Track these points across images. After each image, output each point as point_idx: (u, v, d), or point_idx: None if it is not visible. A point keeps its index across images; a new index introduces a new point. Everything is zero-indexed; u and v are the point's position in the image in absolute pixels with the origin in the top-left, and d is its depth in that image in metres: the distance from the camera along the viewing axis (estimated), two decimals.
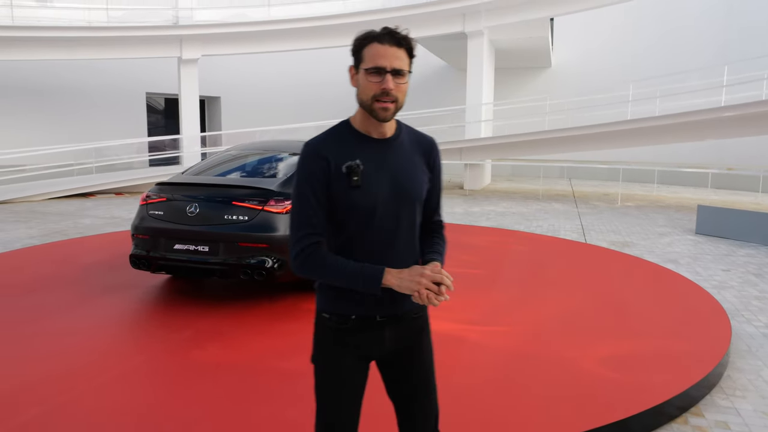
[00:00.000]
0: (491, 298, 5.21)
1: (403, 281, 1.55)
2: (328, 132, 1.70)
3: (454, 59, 19.80)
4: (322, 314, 1.74)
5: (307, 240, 1.61)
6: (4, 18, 12.89)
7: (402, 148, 1.73)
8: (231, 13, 16.06)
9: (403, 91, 1.63)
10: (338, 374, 1.73)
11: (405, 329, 1.77)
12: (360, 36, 1.62)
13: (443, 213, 1.90)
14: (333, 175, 1.62)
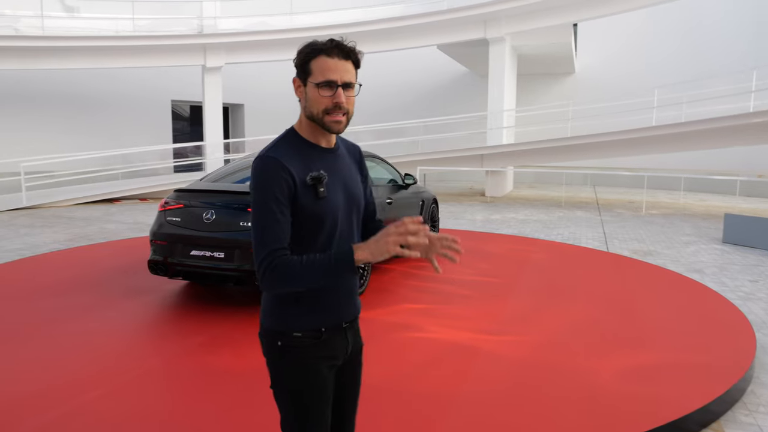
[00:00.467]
0: (507, 307, 5.14)
1: (374, 248, 1.51)
2: (280, 142, 1.66)
3: (476, 65, 19.74)
4: (293, 334, 1.67)
5: (270, 257, 1.54)
6: (35, 28, 13.26)
7: (343, 157, 1.76)
8: (254, 21, 16.26)
9: (352, 103, 1.64)
10: (321, 391, 1.70)
11: (355, 334, 1.83)
12: (306, 48, 1.60)
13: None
14: (298, 188, 1.58)
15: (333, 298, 1.70)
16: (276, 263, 1.52)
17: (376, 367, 3.73)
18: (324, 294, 1.68)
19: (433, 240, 1.60)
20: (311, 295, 1.66)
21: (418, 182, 7.38)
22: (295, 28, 15.78)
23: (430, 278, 6.17)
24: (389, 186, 6.63)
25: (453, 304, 5.20)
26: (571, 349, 4.11)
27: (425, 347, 4.12)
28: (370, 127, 17.56)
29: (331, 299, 1.70)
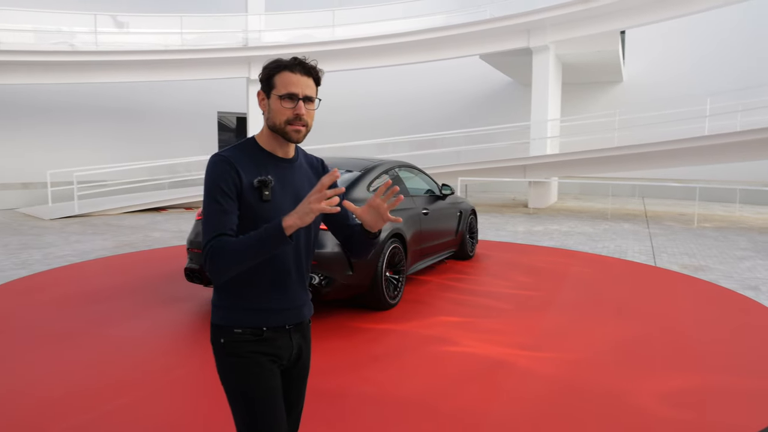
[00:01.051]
0: (545, 322, 4.96)
1: (300, 210, 1.55)
2: (237, 146, 1.77)
3: (519, 75, 19.47)
4: (234, 330, 1.74)
5: (214, 240, 1.61)
6: (89, 44, 13.84)
7: (302, 169, 1.85)
8: (297, 34, 16.53)
9: (312, 116, 1.75)
10: (268, 382, 1.75)
11: (303, 337, 1.88)
12: (271, 65, 1.73)
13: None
14: (244, 188, 1.68)
15: (277, 297, 1.77)
16: (215, 246, 1.60)
17: (409, 381, 3.65)
18: (268, 293, 1.76)
19: (375, 203, 1.73)
20: (255, 293, 1.74)
21: (455, 193, 7.27)
22: (337, 40, 15.95)
23: (468, 291, 6.04)
24: (426, 196, 6.56)
25: (489, 318, 5.07)
26: (611, 368, 3.92)
27: (460, 362, 4.01)
28: (411, 138, 17.54)
29: (276, 298, 1.77)
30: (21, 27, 13.44)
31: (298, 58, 1.74)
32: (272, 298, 1.77)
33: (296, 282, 1.81)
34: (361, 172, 5.65)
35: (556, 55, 16.44)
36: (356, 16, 16.59)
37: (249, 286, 1.75)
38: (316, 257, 4.62)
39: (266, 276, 1.75)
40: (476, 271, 7.10)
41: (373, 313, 5.12)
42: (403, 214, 5.69)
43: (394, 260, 5.39)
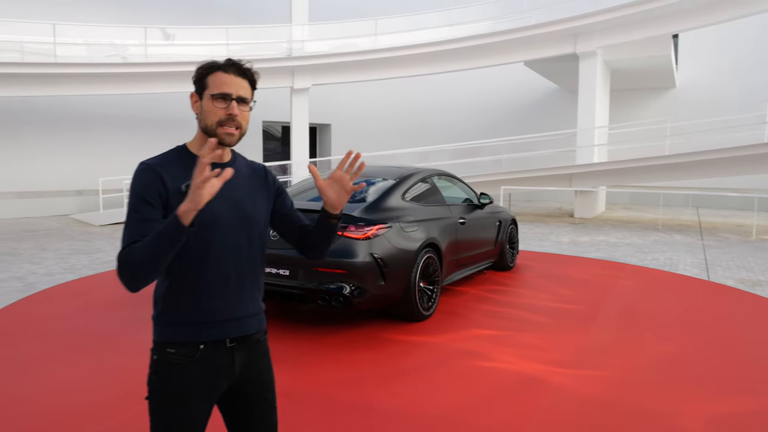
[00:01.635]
0: (586, 338, 4.73)
1: (190, 196, 1.45)
2: (165, 153, 1.72)
3: (566, 81, 19.02)
4: (167, 350, 1.65)
5: (125, 248, 1.54)
6: (139, 56, 14.32)
7: (239, 174, 1.75)
8: (340, 43, 16.63)
9: (246, 119, 1.70)
10: (187, 413, 1.65)
11: (251, 353, 1.76)
12: (204, 65, 1.69)
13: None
14: (170, 195, 1.62)
15: (214, 306, 1.67)
16: (125, 252, 1.53)
17: (438, 397, 3.52)
18: (203, 302, 1.65)
19: (337, 175, 1.69)
20: (190, 302, 1.65)
21: (494, 202, 7.08)
22: (380, 48, 15.97)
23: (505, 303, 5.84)
24: (463, 206, 6.40)
25: (526, 332, 4.87)
26: (654, 389, 3.67)
27: (492, 378, 3.85)
28: (453, 146, 17.36)
29: (212, 308, 1.66)
30: (75, 41, 14.02)
31: (233, 59, 1.69)
32: (208, 308, 1.67)
33: (237, 290, 1.70)
34: (396, 180, 5.56)
35: (604, 61, 15.97)
36: (399, 25, 16.58)
37: (183, 295, 1.66)
38: (347, 266, 4.54)
39: (200, 284, 1.66)
40: (515, 282, 6.88)
41: (405, 325, 5.01)
42: (439, 223, 5.56)
43: (428, 270, 5.26)
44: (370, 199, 5.15)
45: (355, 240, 4.62)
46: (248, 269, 1.74)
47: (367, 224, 4.72)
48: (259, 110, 19.79)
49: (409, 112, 22.37)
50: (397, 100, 22.15)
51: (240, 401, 1.77)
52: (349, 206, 5.00)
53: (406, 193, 5.47)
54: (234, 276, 1.70)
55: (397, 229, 4.91)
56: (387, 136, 21.31)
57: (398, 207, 5.21)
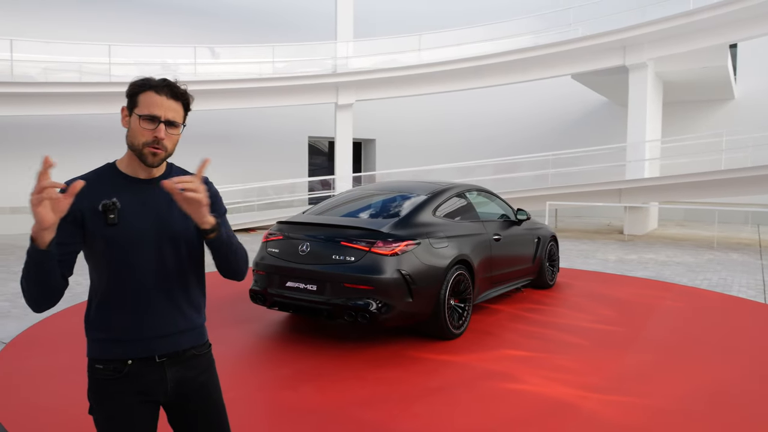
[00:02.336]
0: (623, 362, 4.50)
1: (33, 212, 1.41)
2: (92, 171, 1.71)
3: (615, 94, 18.51)
4: (96, 366, 1.68)
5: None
6: (189, 75, 14.83)
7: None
8: (383, 59, 16.75)
9: (173, 141, 1.68)
10: (125, 425, 1.66)
11: (187, 369, 1.74)
12: (137, 82, 1.65)
13: None
14: (85, 214, 1.62)
15: (139, 324, 1.67)
16: (21, 275, 1.56)
17: (459, 419, 3.41)
18: (128, 319, 1.66)
19: (190, 198, 1.55)
20: (115, 320, 1.66)
21: (531, 218, 6.90)
22: (423, 63, 15.98)
23: (541, 323, 5.65)
24: (499, 222, 6.26)
25: (560, 354, 4.68)
26: (696, 419, 3.44)
27: (518, 401, 3.70)
28: (496, 161, 17.12)
29: (137, 326, 1.67)
30: (129, 60, 14.65)
31: (169, 80, 1.66)
32: (135, 326, 1.66)
33: (166, 307, 1.69)
34: (428, 196, 5.49)
35: (656, 73, 15.47)
36: (442, 40, 16.57)
37: (109, 312, 1.66)
38: (374, 283, 4.49)
39: (125, 301, 1.66)
40: (554, 301, 6.65)
41: (434, 343, 4.90)
42: (471, 240, 5.44)
43: (459, 288, 5.15)
44: (400, 215, 5.10)
45: (383, 256, 4.57)
46: (178, 286, 1.72)
47: (396, 240, 4.66)
48: (306, 125, 20.24)
49: (453, 126, 22.27)
50: (441, 115, 22.09)
51: (185, 418, 1.76)
52: (379, 222, 4.97)
53: (437, 209, 5.39)
54: (160, 293, 1.68)
55: (426, 246, 4.83)
56: (430, 151, 21.25)
57: (429, 223, 5.13)
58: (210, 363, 1.83)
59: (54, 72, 13.37)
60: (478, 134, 22.06)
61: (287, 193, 17.68)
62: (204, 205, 1.57)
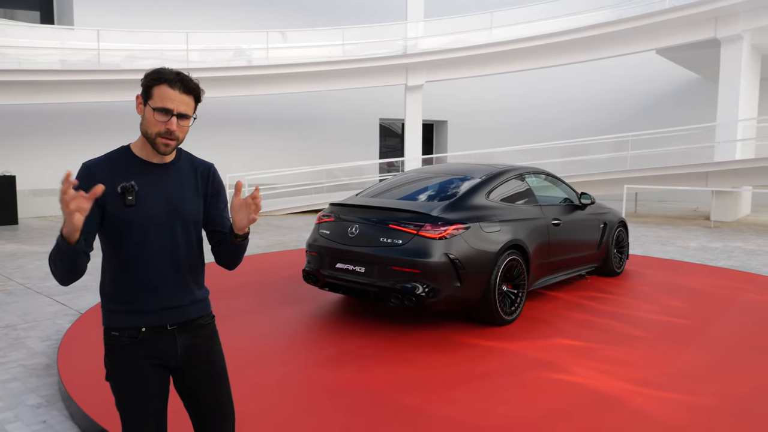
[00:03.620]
0: (684, 358, 4.23)
1: (64, 219, 1.56)
2: (107, 154, 1.83)
3: (705, 69, 17.21)
4: (111, 333, 1.81)
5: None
6: (261, 59, 15.21)
7: (180, 173, 1.87)
8: (454, 38, 16.41)
9: (184, 132, 1.80)
10: (139, 387, 1.80)
11: (195, 336, 1.89)
12: (152, 75, 1.76)
13: None
14: (107, 195, 1.72)
15: (153, 297, 1.81)
16: (50, 253, 1.68)
17: (499, 408, 3.34)
18: (143, 294, 1.80)
19: (248, 201, 1.76)
20: (131, 294, 1.79)
21: (596, 202, 6.59)
22: (494, 42, 15.54)
23: (600, 312, 5.41)
24: (560, 206, 6.03)
25: (617, 345, 4.46)
26: (755, 424, 3.18)
27: (563, 393, 3.57)
28: (566, 143, 16.45)
29: (151, 299, 1.81)
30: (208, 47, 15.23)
31: (182, 74, 1.77)
32: (148, 299, 1.80)
33: (176, 281, 1.84)
34: (482, 179, 5.36)
35: (752, 45, 14.22)
36: (515, 17, 16.01)
37: (124, 287, 1.80)
38: (421, 266, 4.46)
39: (140, 277, 1.80)
40: (619, 290, 6.35)
41: (483, 329, 4.82)
42: (527, 224, 5.27)
43: (512, 273, 5.01)
44: (451, 198, 5.02)
45: (430, 239, 4.52)
46: (187, 263, 1.87)
47: (444, 224, 4.60)
48: (376, 107, 20.36)
49: (526, 106, 21.56)
50: (513, 95, 21.45)
51: (190, 383, 1.90)
52: (429, 205, 4.92)
53: (491, 193, 5.25)
54: (171, 271, 1.84)
55: (476, 230, 4.73)
56: (502, 132, 20.74)
57: (481, 206, 5.02)
58: (214, 332, 1.98)
59: (137, 60, 14.13)
60: (552, 114, 21.25)
61: (357, 176, 17.85)
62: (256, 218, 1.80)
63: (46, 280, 6.91)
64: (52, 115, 14.13)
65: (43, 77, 12.67)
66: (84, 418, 3.20)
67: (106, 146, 9.08)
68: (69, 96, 13.15)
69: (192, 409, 1.94)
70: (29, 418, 3.35)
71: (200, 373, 1.90)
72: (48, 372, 4.03)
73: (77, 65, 13.56)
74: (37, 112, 13.91)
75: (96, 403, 3.30)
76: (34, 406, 3.49)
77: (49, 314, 5.47)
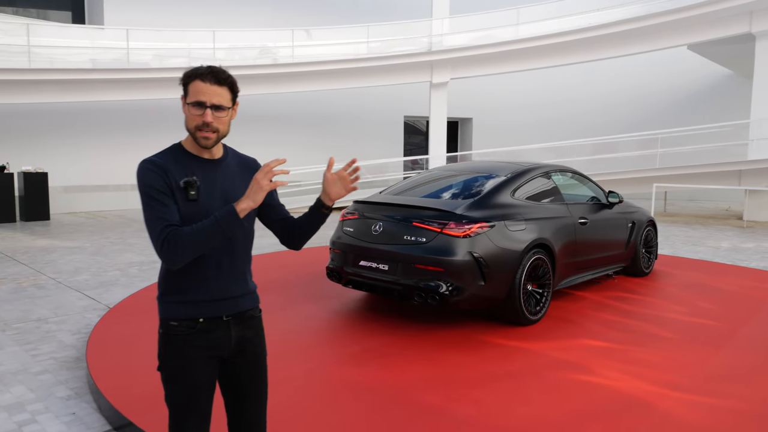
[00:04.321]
0: (714, 360, 4.13)
1: (250, 193, 1.74)
2: (164, 151, 1.89)
3: (738, 65, 16.77)
4: (170, 323, 1.87)
5: (164, 231, 1.74)
6: (287, 57, 15.30)
7: (229, 168, 1.94)
8: (479, 35, 16.27)
9: (224, 123, 1.85)
10: (192, 377, 1.86)
11: (247, 327, 1.97)
12: (187, 73, 1.83)
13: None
14: (174, 189, 1.80)
15: (209, 288, 1.87)
16: (169, 236, 1.73)
17: (521, 409, 3.30)
18: (200, 284, 1.86)
19: (342, 174, 1.93)
20: (188, 285, 1.85)
21: (624, 201, 6.47)
22: (521, 39, 15.36)
23: (627, 313, 5.31)
24: (587, 205, 5.93)
25: (644, 347, 4.38)
26: None
27: (588, 394, 3.52)
28: (596, 140, 16.19)
29: (207, 289, 1.87)
30: (230, 45, 15.37)
31: (213, 67, 1.82)
32: (205, 291, 1.87)
33: (230, 273, 1.91)
34: (507, 177, 5.30)
35: None
36: (542, 12, 15.80)
37: (183, 278, 1.86)
38: (445, 264, 4.44)
39: (198, 269, 1.85)
40: (647, 290, 6.23)
41: (507, 328, 4.77)
42: (553, 223, 5.20)
43: (538, 273, 4.96)
44: (476, 197, 4.97)
45: (454, 238, 4.49)
46: (240, 255, 1.95)
47: (469, 222, 4.56)
48: (401, 105, 20.23)
49: (552, 103, 21.28)
50: (539, 93, 21.18)
51: (235, 371, 1.97)
52: (453, 203, 4.88)
53: (516, 191, 5.19)
54: (227, 262, 1.90)
55: (501, 228, 4.68)
56: (528, 129, 20.50)
57: (506, 204, 4.97)
58: (261, 324, 2.06)
59: (165, 58, 14.34)
60: (578, 111, 20.95)
61: (380, 173, 17.84)
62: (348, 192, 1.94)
63: (76, 275, 7.07)
64: (82, 112, 14.44)
65: (74, 76, 12.94)
66: (112, 410, 3.26)
67: (135, 143, 9.38)
68: (99, 94, 13.42)
69: (230, 394, 2.00)
70: (59, 409, 3.42)
71: (247, 362, 1.98)
72: (77, 365, 4.12)
73: (107, 64, 13.82)
74: (68, 110, 14.23)
75: (124, 396, 3.37)
76: (63, 398, 3.57)
77: (79, 308, 5.59)
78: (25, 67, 12.62)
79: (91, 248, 9.12)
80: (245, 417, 2.01)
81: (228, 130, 1.87)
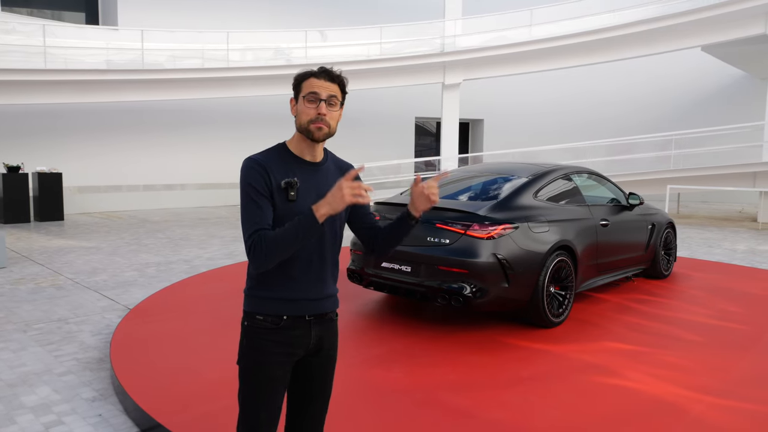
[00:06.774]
0: (744, 363, 4.07)
1: (331, 200, 1.75)
2: (268, 150, 1.94)
3: (755, 67, 16.63)
4: (256, 317, 1.92)
5: (252, 236, 1.79)
6: (300, 58, 15.30)
7: (329, 172, 1.99)
8: (492, 36, 16.21)
9: (334, 119, 1.91)
10: (270, 372, 1.91)
11: (326, 329, 2.01)
12: (301, 73, 1.92)
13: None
14: (274, 188, 1.85)
15: (296, 288, 1.92)
16: (257, 239, 1.79)
17: (549, 412, 3.27)
18: (288, 283, 1.90)
19: (429, 185, 1.91)
20: (277, 283, 1.90)
21: (644, 202, 6.42)
22: (534, 40, 15.30)
23: (650, 315, 5.26)
24: (608, 206, 5.89)
25: (670, 350, 4.33)
26: None
27: (616, 398, 3.48)
28: (612, 141, 16.10)
29: (294, 289, 1.91)
30: (244, 46, 15.39)
31: (325, 66, 1.93)
32: (291, 289, 1.92)
33: (318, 274, 1.95)
34: (529, 178, 5.26)
35: None
36: (556, 14, 15.73)
37: (273, 276, 1.90)
38: (469, 266, 4.41)
39: (289, 268, 1.90)
40: (668, 293, 6.17)
41: (531, 330, 4.73)
42: (575, 224, 5.16)
43: (561, 275, 4.91)
44: (499, 198, 4.94)
45: (478, 239, 4.46)
46: (329, 257, 1.98)
47: (492, 223, 4.53)
48: (412, 106, 20.17)
49: (565, 104, 21.20)
50: (553, 93, 21.11)
51: (308, 371, 2.01)
52: (476, 204, 4.85)
53: (539, 192, 5.16)
54: (317, 263, 1.95)
55: (524, 230, 4.65)
56: (541, 131, 20.42)
57: (529, 206, 4.93)
58: (337, 328, 2.10)
59: (179, 59, 14.38)
60: (592, 113, 20.85)
61: (392, 174, 17.82)
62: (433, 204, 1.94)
63: (94, 275, 7.09)
64: (96, 113, 14.52)
65: (89, 77, 13.01)
66: (139, 412, 3.25)
67: (149, 144, 9.36)
68: (114, 95, 13.49)
69: (297, 393, 2.04)
70: (85, 411, 3.42)
71: (320, 363, 2.02)
72: (101, 366, 4.12)
73: (122, 65, 13.89)
74: (82, 110, 14.30)
75: (150, 397, 3.36)
76: (89, 400, 3.57)
77: (99, 309, 5.60)
78: (41, 67, 12.70)
79: (107, 248, 9.15)
80: (307, 417, 2.05)
81: (336, 129, 1.92)
